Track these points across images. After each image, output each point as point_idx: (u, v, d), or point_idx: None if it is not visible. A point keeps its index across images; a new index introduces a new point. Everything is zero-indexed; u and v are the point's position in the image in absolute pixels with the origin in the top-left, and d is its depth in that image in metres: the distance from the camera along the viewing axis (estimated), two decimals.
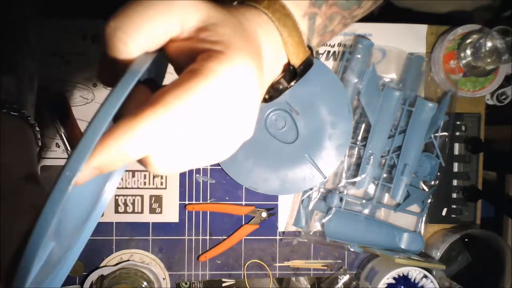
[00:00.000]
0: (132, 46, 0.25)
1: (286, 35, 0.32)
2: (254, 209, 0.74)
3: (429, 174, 0.74)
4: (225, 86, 0.25)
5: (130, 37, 0.25)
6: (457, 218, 0.77)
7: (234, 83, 0.25)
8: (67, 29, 0.70)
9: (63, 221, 0.30)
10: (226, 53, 0.25)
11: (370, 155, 0.72)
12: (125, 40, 0.25)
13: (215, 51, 0.25)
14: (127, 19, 0.25)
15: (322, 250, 0.76)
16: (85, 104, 0.71)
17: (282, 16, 0.32)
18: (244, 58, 0.26)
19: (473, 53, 0.71)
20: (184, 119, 0.24)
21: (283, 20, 0.32)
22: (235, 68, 0.25)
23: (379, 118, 0.72)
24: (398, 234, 0.74)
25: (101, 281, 0.71)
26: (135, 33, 0.25)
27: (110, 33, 0.25)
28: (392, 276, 0.71)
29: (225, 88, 0.25)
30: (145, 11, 0.25)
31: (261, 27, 0.31)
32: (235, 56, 0.25)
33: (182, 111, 0.24)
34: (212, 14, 0.27)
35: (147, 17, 0.25)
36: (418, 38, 0.75)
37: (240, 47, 0.26)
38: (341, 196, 0.73)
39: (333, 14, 0.37)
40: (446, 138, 0.74)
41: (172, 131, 0.24)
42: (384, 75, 0.74)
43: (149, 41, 0.26)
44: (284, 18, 0.32)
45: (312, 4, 0.34)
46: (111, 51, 0.26)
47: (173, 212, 0.73)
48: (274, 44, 0.32)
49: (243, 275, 0.75)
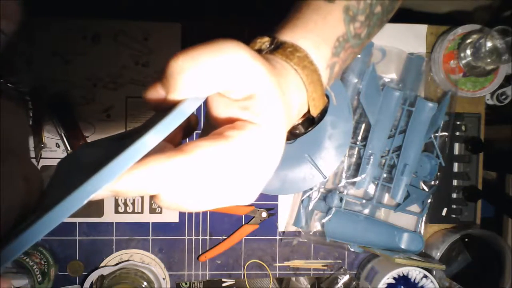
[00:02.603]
0: (189, 92, 0.27)
1: (311, 91, 0.34)
2: (254, 209, 0.74)
3: (429, 174, 0.74)
4: (251, 152, 0.27)
5: (191, 84, 0.27)
6: (457, 218, 0.77)
7: (261, 149, 0.28)
8: (67, 29, 0.70)
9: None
10: (262, 127, 0.28)
11: (370, 155, 0.72)
12: (186, 85, 0.27)
13: (253, 124, 0.28)
14: (194, 65, 0.26)
15: (322, 250, 0.76)
16: (85, 104, 0.71)
17: (310, 72, 0.33)
18: (278, 129, 0.29)
19: (473, 53, 0.71)
20: (209, 174, 0.27)
21: (311, 77, 0.33)
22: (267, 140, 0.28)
23: (379, 118, 0.72)
24: (398, 234, 0.74)
25: (101, 281, 0.71)
26: (197, 82, 0.27)
27: (174, 72, 0.27)
28: (392, 276, 0.71)
29: (251, 154, 0.28)
30: (216, 64, 0.27)
31: (293, 85, 0.32)
32: (270, 130, 0.28)
33: (209, 167, 0.26)
34: (264, 83, 0.28)
35: (215, 71, 0.27)
36: (418, 38, 0.75)
37: (277, 120, 0.29)
38: (341, 196, 0.73)
39: (348, 56, 0.39)
40: (446, 138, 0.74)
41: (198, 180, 0.26)
42: (384, 75, 0.74)
43: (206, 91, 0.27)
44: (311, 74, 0.33)
45: (333, 54, 0.36)
46: (167, 86, 0.27)
47: (173, 212, 0.73)
48: (300, 99, 0.33)
49: (243, 275, 0.75)
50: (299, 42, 0.34)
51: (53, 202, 0.25)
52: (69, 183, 0.28)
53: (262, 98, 0.28)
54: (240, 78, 0.27)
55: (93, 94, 0.71)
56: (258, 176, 0.28)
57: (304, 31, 0.35)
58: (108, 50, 0.71)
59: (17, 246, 0.25)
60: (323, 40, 0.35)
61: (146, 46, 0.72)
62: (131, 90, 0.72)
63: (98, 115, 0.71)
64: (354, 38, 0.38)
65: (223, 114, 0.29)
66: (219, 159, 0.26)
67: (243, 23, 0.72)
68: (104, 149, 0.31)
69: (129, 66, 0.71)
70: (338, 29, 0.36)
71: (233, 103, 0.28)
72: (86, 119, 0.71)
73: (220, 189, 0.27)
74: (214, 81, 0.27)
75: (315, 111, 0.35)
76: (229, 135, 0.27)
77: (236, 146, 0.27)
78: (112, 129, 0.72)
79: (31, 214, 0.32)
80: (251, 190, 0.29)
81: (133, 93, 0.72)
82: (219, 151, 0.26)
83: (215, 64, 0.27)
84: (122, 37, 0.71)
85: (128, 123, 0.72)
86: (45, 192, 0.34)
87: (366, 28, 0.39)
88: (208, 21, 0.73)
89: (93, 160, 0.29)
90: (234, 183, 0.28)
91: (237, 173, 0.27)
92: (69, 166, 0.33)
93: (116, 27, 0.71)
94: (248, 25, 0.72)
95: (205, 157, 0.26)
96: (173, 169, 0.26)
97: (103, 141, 0.34)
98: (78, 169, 0.30)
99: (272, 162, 0.29)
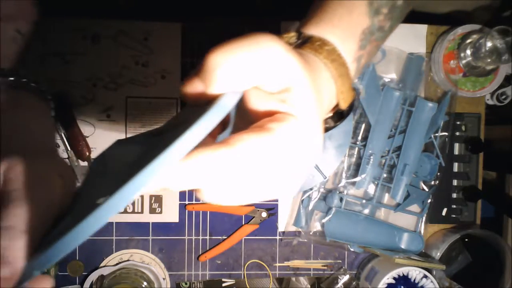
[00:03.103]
0: (228, 86, 0.27)
1: (340, 84, 0.34)
2: (254, 209, 0.74)
3: (429, 174, 0.74)
4: (292, 144, 0.28)
5: (229, 78, 0.27)
6: (457, 218, 0.77)
7: (303, 141, 0.28)
8: (67, 29, 0.70)
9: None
10: (301, 119, 0.28)
11: (370, 155, 0.72)
12: (225, 79, 0.27)
13: (292, 116, 0.28)
14: (232, 59, 0.27)
15: (322, 250, 0.76)
16: (85, 104, 0.71)
17: (339, 66, 0.34)
18: (316, 121, 0.29)
19: (473, 53, 0.71)
20: (253, 167, 0.27)
21: (340, 70, 0.34)
22: (307, 132, 0.28)
23: (379, 118, 0.72)
24: (398, 234, 0.74)
25: (101, 281, 0.71)
26: (235, 75, 0.27)
27: (212, 66, 0.27)
28: (392, 276, 0.71)
29: (292, 146, 0.28)
30: (253, 57, 0.27)
31: (323, 78, 0.33)
32: (309, 122, 0.28)
33: (254, 159, 0.26)
34: (300, 76, 0.28)
35: (253, 64, 0.27)
36: (418, 38, 0.75)
37: (314, 112, 0.29)
38: (341, 196, 0.73)
39: (373, 49, 0.39)
40: (446, 138, 0.74)
41: (243, 173, 0.27)
42: (384, 75, 0.74)
43: (244, 85, 0.28)
44: (340, 68, 0.34)
45: (359, 47, 0.37)
46: (205, 81, 0.27)
47: (173, 212, 0.73)
48: (330, 93, 0.34)
49: (243, 275, 0.75)
50: (326, 35, 0.34)
51: (93, 202, 0.25)
52: (111, 181, 0.28)
53: (298, 91, 0.28)
54: (277, 70, 0.28)
55: (93, 94, 0.71)
56: (299, 168, 0.28)
57: (330, 25, 0.35)
58: (108, 50, 0.71)
59: (60, 247, 0.24)
60: (349, 33, 0.36)
61: (146, 46, 0.72)
62: (131, 90, 0.72)
63: (98, 115, 0.71)
64: (378, 30, 0.38)
65: (261, 107, 0.29)
66: (264, 151, 0.26)
67: (243, 23, 0.72)
68: (142, 146, 0.30)
69: (129, 66, 0.71)
70: (363, 22, 0.37)
71: (270, 96, 0.28)
72: (86, 119, 0.71)
73: (263, 182, 0.27)
74: (252, 74, 0.27)
75: (344, 104, 0.35)
76: (271, 127, 0.27)
77: (279, 138, 0.27)
78: (112, 129, 0.72)
79: (68, 213, 0.31)
80: (293, 182, 0.29)
81: (133, 93, 0.72)
82: (263, 143, 0.26)
83: (252, 57, 0.27)
84: (122, 37, 0.71)
85: (128, 123, 0.72)
86: (80, 192, 0.33)
87: (389, 21, 0.39)
88: (208, 21, 0.73)
89: (134, 156, 0.29)
90: (277, 176, 0.28)
91: (280, 165, 0.27)
92: (106, 164, 0.33)
93: (116, 27, 0.71)
94: (248, 25, 0.72)
95: (250, 149, 0.26)
96: (220, 162, 0.25)
97: (137, 138, 0.34)
98: (119, 166, 0.30)
99: (312, 154, 0.29)
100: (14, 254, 0.27)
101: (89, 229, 0.23)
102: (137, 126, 0.72)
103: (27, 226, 0.28)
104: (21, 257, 0.28)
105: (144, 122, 0.72)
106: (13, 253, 0.27)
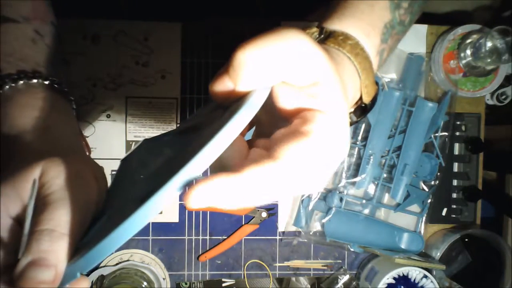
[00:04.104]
0: (257, 82, 0.27)
1: (364, 78, 0.34)
2: (254, 209, 0.74)
3: (429, 174, 0.74)
4: (326, 141, 0.28)
5: (258, 74, 0.27)
6: (457, 218, 0.77)
7: (333, 136, 0.28)
8: (67, 29, 0.70)
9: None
10: (329, 114, 0.28)
11: (370, 155, 0.72)
12: (254, 75, 0.27)
13: (321, 112, 0.28)
14: (260, 54, 0.27)
15: (322, 250, 0.76)
16: (85, 104, 0.71)
17: (363, 60, 0.34)
18: (343, 115, 0.29)
19: (473, 53, 0.71)
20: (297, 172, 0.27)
21: (363, 64, 0.34)
22: (336, 127, 0.28)
23: (379, 118, 0.72)
24: (398, 234, 0.74)
25: (101, 281, 0.71)
26: (264, 71, 0.27)
27: (241, 62, 0.27)
28: (392, 276, 0.71)
29: (326, 143, 0.28)
30: (281, 52, 0.27)
31: (347, 72, 0.33)
32: (337, 117, 0.28)
33: (299, 167, 0.27)
34: (327, 70, 0.28)
35: (281, 58, 0.27)
36: (418, 38, 0.75)
37: (341, 106, 0.29)
38: (341, 196, 0.73)
39: (394, 42, 0.39)
40: (446, 138, 0.74)
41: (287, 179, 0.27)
42: (384, 75, 0.74)
43: (273, 79, 0.28)
44: (364, 61, 0.34)
45: (382, 40, 0.37)
46: (234, 78, 0.27)
47: (173, 212, 0.73)
48: (354, 87, 0.34)
49: (243, 275, 0.75)
50: (349, 30, 0.35)
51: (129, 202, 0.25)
52: (142, 183, 0.28)
53: (326, 85, 0.28)
54: (305, 64, 0.27)
55: (93, 94, 0.71)
56: (330, 163, 0.29)
57: (352, 19, 0.35)
58: (108, 50, 0.71)
59: (104, 248, 0.24)
60: (371, 27, 0.36)
61: (146, 46, 0.72)
62: (131, 90, 0.72)
63: (98, 115, 0.71)
64: (399, 24, 0.39)
65: (289, 103, 0.29)
66: (306, 156, 0.27)
67: (243, 23, 0.72)
68: (170, 145, 0.31)
69: (129, 66, 0.71)
70: (385, 16, 0.37)
71: (299, 91, 0.28)
72: (86, 119, 0.71)
73: (302, 179, 0.28)
74: (281, 68, 0.27)
75: (368, 98, 0.35)
76: (307, 130, 0.27)
77: (316, 140, 0.27)
78: (112, 129, 0.72)
79: (102, 213, 0.31)
80: (323, 178, 0.29)
81: (133, 93, 0.72)
82: (304, 149, 0.27)
83: (280, 52, 0.27)
84: (122, 37, 0.71)
85: (128, 123, 0.72)
86: (110, 192, 0.33)
87: (409, 15, 0.40)
88: (208, 21, 0.73)
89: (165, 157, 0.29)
90: (311, 173, 0.28)
91: (315, 163, 0.28)
92: (135, 163, 0.33)
93: (116, 27, 0.71)
94: (248, 25, 0.72)
95: (295, 158, 0.26)
96: (269, 176, 0.26)
97: (164, 137, 0.34)
98: (150, 165, 0.30)
99: (342, 148, 0.29)
100: (56, 256, 0.27)
101: (130, 230, 0.23)
102: (137, 126, 0.72)
103: (66, 229, 0.28)
104: (63, 259, 0.27)
105: (144, 122, 0.72)
106: (55, 256, 0.27)
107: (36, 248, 0.27)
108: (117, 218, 0.25)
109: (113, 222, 0.25)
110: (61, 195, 0.29)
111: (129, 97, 0.72)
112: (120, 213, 0.26)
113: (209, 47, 0.73)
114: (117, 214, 0.27)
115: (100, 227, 0.30)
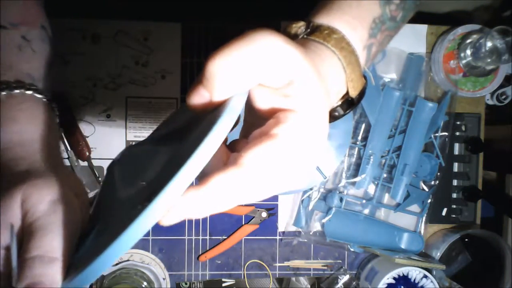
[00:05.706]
0: (233, 89, 0.27)
1: (349, 72, 0.34)
2: (254, 209, 0.74)
3: (429, 174, 0.74)
4: (297, 140, 0.28)
5: (233, 81, 0.27)
6: (457, 218, 0.77)
7: (306, 135, 0.28)
8: (67, 29, 0.70)
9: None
10: (303, 112, 0.28)
11: (370, 155, 0.72)
12: (228, 82, 0.27)
13: (294, 112, 0.28)
14: (231, 61, 0.27)
15: (322, 250, 0.76)
16: (85, 104, 0.71)
17: (348, 54, 0.33)
18: (319, 112, 0.29)
19: (473, 53, 0.71)
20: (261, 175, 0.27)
21: (349, 58, 0.33)
22: (310, 125, 0.28)
23: (379, 118, 0.72)
24: (398, 234, 0.74)
25: (101, 281, 0.71)
26: (238, 77, 0.27)
27: (213, 72, 0.27)
28: (392, 276, 0.71)
29: (297, 143, 0.28)
30: (252, 56, 0.27)
31: (331, 67, 0.33)
32: (311, 115, 0.28)
33: (265, 171, 0.27)
34: (300, 67, 0.28)
35: (253, 62, 0.27)
36: (418, 38, 0.75)
37: (317, 103, 0.29)
38: (341, 196, 0.73)
39: (385, 38, 0.39)
40: (446, 138, 0.74)
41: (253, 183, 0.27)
42: (384, 75, 0.74)
43: (248, 84, 0.28)
44: (349, 56, 0.34)
45: (370, 35, 0.36)
46: (210, 88, 0.27)
47: None
48: (339, 81, 0.33)
49: (243, 275, 0.75)
50: (335, 24, 0.34)
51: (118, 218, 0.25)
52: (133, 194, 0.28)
53: (300, 83, 0.28)
54: (277, 64, 0.27)
55: (93, 94, 0.71)
56: (307, 161, 0.29)
57: (339, 13, 0.35)
58: (108, 50, 0.71)
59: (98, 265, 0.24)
60: (359, 21, 0.36)
61: (146, 46, 0.72)
62: (131, 90, 0.72)
63: (98, 115, 0.71)
64: (390, 20, 0.38)
65: (266, 104, 0.29)
66: (271, 159, 0.27)
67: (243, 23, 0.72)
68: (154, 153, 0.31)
69: (129, 66, 0.71)
70: (374, 11, 0.37)
71: (274, 92, 0.29)
72: (86, 119, 0.71)
73: (272, 181, 0.28)
74: (254, 72, 0.27)
75: (354, 92, 0.35)
76: (275, 133, 0.27)
77: (284, 140, 0.27)
78: (112, 129, 0.72)
79: (90, 229, 0.31)
80: (301, 176, 0.29)
81: (133, 93, 0.72)
82: (270, 152, 0.27)
83: (250, 56, 0.27)
84: (122, 37, 0.71)
85: (128, 123, 0.72)
86: (97, 205, 0.33)
87: (402, 11, 0.39)
88: (208, 21, 0.73)
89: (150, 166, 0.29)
90: (286, 173, 0.28)
91: (288, 163, 0.28)
92: (119, 173, 0.33)
93: (116, 27, 0.71)
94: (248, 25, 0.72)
95: (259, 163, 0.27)
96: (233, 183, 0.26)
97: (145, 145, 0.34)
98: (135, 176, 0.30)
99: (318, 144, 0.29)
100: (50, 279, 0.27)
101: (124, 245, 0.24)
102: (137, 126, 0.72)
103: (56, 253, 0.28)
104: (58, 281, 0.28)
105: (144, 122, 0.72)
106: (50, 278, 0.27)
107: (30, 274, 0.27)
108: (106, 237, 0.25)
109: (103, 239, 0.25)
110: (46, 221, 0.29)
111: (129, 97, 0.72)
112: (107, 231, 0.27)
113: (209, 47, 0.73)
114: (105, 232, 0.28)
115: (90, 242, 0.30)
